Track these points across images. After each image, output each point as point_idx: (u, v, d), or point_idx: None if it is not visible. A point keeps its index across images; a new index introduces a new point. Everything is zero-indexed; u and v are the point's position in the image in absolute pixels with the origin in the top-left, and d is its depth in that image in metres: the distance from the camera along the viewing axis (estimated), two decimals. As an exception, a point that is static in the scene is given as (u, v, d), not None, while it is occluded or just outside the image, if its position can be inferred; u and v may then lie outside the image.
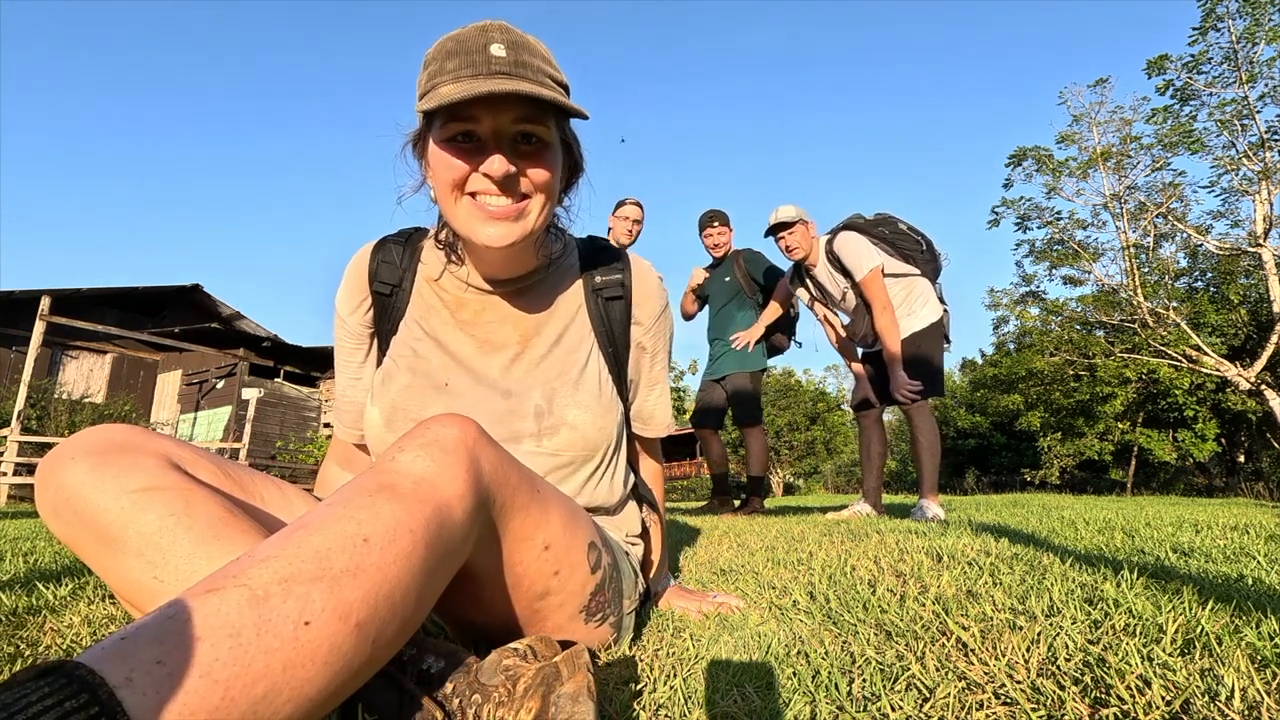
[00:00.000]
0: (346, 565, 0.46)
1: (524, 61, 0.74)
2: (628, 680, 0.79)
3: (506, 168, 0.74)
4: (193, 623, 0.39)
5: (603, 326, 0.94)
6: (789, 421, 25.49)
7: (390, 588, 0.48)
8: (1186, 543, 1.66)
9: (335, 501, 0.51)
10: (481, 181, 0.76)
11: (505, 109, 0.73)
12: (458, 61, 0.73)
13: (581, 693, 0.56)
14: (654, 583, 1.12)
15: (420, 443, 0.58)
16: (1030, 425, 17.92)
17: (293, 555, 0.45)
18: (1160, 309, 12.27)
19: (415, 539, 0.50)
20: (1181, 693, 0.64)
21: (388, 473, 0.54)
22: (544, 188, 0.79)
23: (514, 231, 0.78)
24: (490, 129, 0.75)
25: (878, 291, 2.92)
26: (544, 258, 0.92)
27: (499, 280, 0.91)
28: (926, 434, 2.93)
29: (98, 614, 1.10)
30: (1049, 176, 13.37)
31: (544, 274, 0.93)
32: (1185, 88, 11.53)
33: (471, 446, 0.60)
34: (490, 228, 0.77)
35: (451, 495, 0.55)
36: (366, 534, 0.48)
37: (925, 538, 1.78)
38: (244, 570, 0.44)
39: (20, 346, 11.87)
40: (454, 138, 0.75)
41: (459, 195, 0.77)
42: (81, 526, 0.58)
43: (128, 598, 0.59)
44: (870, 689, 0.72)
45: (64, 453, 0.60)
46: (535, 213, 0.79)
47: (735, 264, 3.83)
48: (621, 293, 0.96)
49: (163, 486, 0.59)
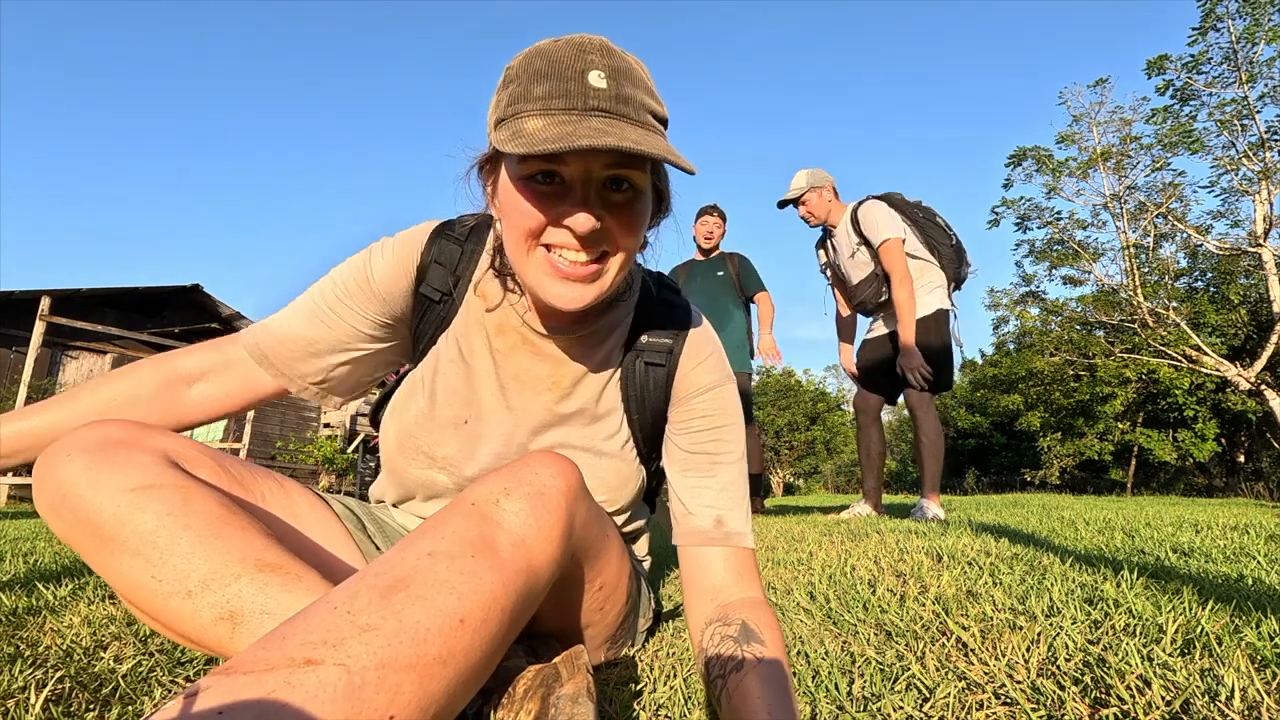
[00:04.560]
0: (439, 652, 0.45)
1: (626, 96, 0.62)
2: (628, 680, 0.79)
3: (593, 224, 0.64)
4: (289, 707, 0.39)
5: (632, 390, 0.83)
6: (789, 421, 25.48)
7: (472, 670, 0.48)
8: (1186, 543, 1.66)
9: (438, 553, 0.50)
10: (561, 235, 0.65)
11: (600, 153, 0.62)
12: (548, 88, 0.61)
13: (581, 694, 0.56)
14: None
15: (526, 492, 0.57)
16: (1030, 425, 17.92)
17: (393, 631, 0.44)
18: (1160, 309, 12.26)
19: (505, 616, 0.51)
20: (1181, 693, 0.64)
21: (490, 523, 0.54)
22: (625, 245, 0.68)
23: (588, 294, 0.68)
24: (579, 174, 0.64)
25: (897, 261, 2.88)
26: (608, 302, 0.80)
27: (553, 322, 0.81)
28: (930, 432, 2.91)
29: (98, 614, 1.10)
30: (1049, 176, 13.36)
31: (602, 320, 0.83)
32: (1185, 88, 11.52)
33: (572, 504, 0.60)
34: (561, 288, 0.67)
35: (545, 561, 0.56)
36: (464, 614, 0.48)
37: (925, 538, 1.78)
38: (343, 639, 0.43)
39: (20, 346, 11.86)
40: (533, 176, 0.64)
41: (533, 244, 0.67)
42: (79, 524, 0.57)
43: (127, 596, 0.58)
44: (870, 689, 0.72)
45: (61, 449, 0.60)
46: (613, 273, 0.69)
47: (730, 262, 3.82)
48: (665, 360, 0.82)
49: (160, 484, 0.58)
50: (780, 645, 0.66)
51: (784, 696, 0.60)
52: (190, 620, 0.55)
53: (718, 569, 0.75)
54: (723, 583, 0.74)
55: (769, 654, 0.64)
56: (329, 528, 0.78)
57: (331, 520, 0.79)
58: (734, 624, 0.68)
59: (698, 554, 0.77)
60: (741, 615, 0.69)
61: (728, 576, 0.75)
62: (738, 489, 0.80)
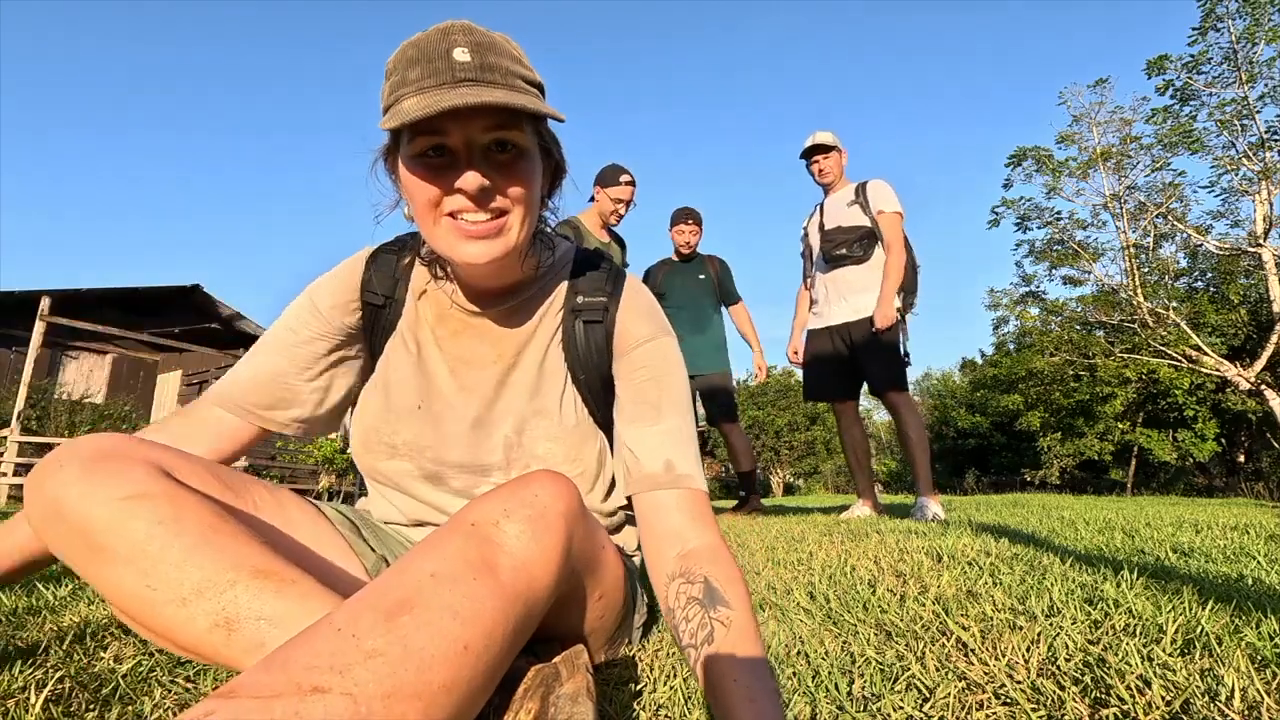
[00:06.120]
0: (445, 681, 0.45)
1: (491, 64, 0.68)
2: (628, 680, 0.79)
3: (480, 182, 0.69)
4: None
5: (575, 351, 0.86)
6: (789, 421, 25.49)
7: (474, 695, 0.48)
8: (1186, 543, 1.66)
9: (441, 574, 0.50)
10: (458, 200, 0.71)
11: (475, 118, 0.68)
12: (419, 70, 0.67)
13: (580, 693, 0.56)
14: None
15: (526, 514, 0.57)
16: (1030, 425, 17.92)
17: (399, 658, 0.44)
18: (1160, 309, 12.25)
19: (507, 639, 0.51)
20: (1181, 693, 0.64)
21: (490, 544, 0.54)
22: (522, 199, 0.74)
23: (495, 248, 0.73)
24: (461, 141, 0.69)
25: (897, 233, 2.99)
26: (531, 270, 0.86)
27: (485, 298, 0.86)
28: (914, 429, 2.93)
29: (98, 614, 1.10)
30: (1049, 177, 13.35)
31: (532, 289, 0.87)
32: (1185, 88, 11.52)
33: (570, 522, 0.60)
34: (471, 246, 0.73)
35: (545, 583, 0.56)
36: (468, 640, 0.48)
37: (925, 538, 1.78)
38: (349, 665, 0.43)
39: (20, 347, 11.86)
40: (424, 153, 0.70)
41: (437, 216, 0.73)
42: (71, 535, 0.57)
43: (121, 605, 0.58)
44: (870, 689, 0.72)
45: (53, 461, 0.60)
46: (516, 227, 0.74)
47: (710, 265, 3.83)
48: (602, 318, 0.86)
49: (151, 494, 0.58)
50: (745, 604, 0.66)
51: (762, 676, 0.60)
52: (185, 628, 0.55)
53: (672, 512, 0.76)
54: (679, 526, 0.75)
55: (737, 619, 0.65)
56: (323, 534, 0.78)
57: (325, 526, 0.79)
58: (697, 581, 0.68)
59: (651, 499, 0.78)
60: (704, 570, 0.69)
61: (683, 519, 0.76)
62: (685, 434, 0.82)
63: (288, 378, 0.86)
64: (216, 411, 0.84)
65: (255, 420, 0.85)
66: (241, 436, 0.85)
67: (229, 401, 0.85)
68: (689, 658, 0.66)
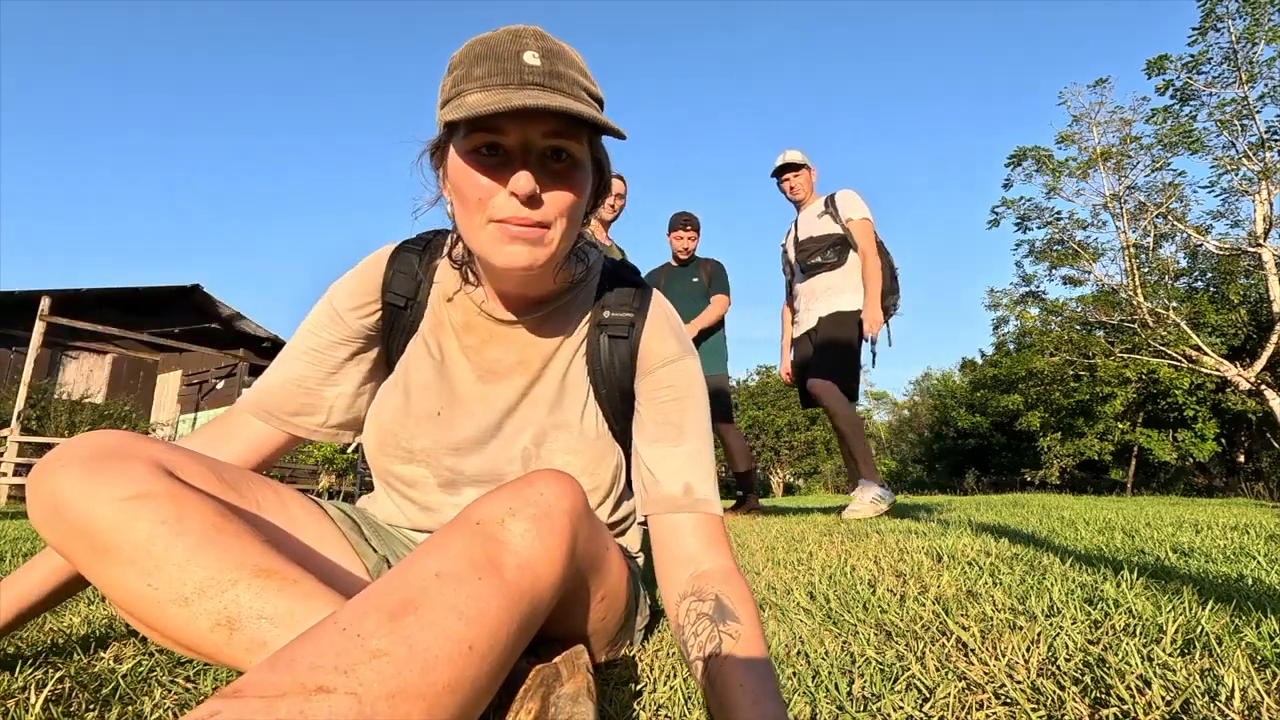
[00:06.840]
0: (449, 681, 0.45)
1: (559, 72, 0.68)
2: (628, 680, 0.79)
3: (532, 185, 0.68)
4: None
5: (598, 365, 0.86)
6: (789, 421, 25.47)
7: (478, 696, 0.48)
8: (1186, 543, 1.67)
9: (445, 574, 0.50)
10: (504, 208, 0.69)
11: (536, 122, 0.68)
12: (487, 68, 0.67)
13: (581, 693, 0.56)
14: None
15: (531, 513, 0.57)
16: (1030, 425, 17.91)
17: (403, 658, 0.44)
18: (1160, 309, 12.25)
19: (511, 639, 0.51)
20: (1181, 693, 0.64)
21: (495, 543, 0.54)
22: (568, 211, 0.72)
23: (536, 254, 0.71)
24: (518, 142, 0.68)
25: (870, 239, 3.08)
26: (564, 282, 0.86)
27: (515, 306, 0.85)
28: (843, 411, 2.96)
29: (98, 614, 1.10)
30: (1049, 177, 13.35)
31: (562, 299, 0.86)
32: (1185, 88, 11.52)
33: (575, 523, 0.60)
34: (511, 247, 0.70)
35: (549, 583, 0.56)
36: (472, 640, 0.48)
37: (925, 538, 1.78)
38: (354, 665, 0.43)
39: (20, 346, 11.86)
40: (478, 149, 0.69)
41: (484, 219, 0.70)
42: (73, 534, 0.57)
43: (123, 605, 0.58)
44: (870, 689, 0.72)
45: (54, 460, 0.60)
46: (557, 238, 0.72)
47: (704, 268, 3.87)
48: (628, 334, 0.85)
49: (154, 493, 0.58)
50: (755, 621, 0.67)
51: (768, 682, 0.61)
52: (187, 627, 0.55)
53: (688, 536, 0.76)
54: (694, 550, 0.76)
55: (746, 633, 0.65)
56: (325, 533, 0.78)
57: (327, 525, 0.79)
58: (708, 599, 0.69)
59: (667, 521, 0.78)
60: (715, 589, 0.70)
61: (699, 543, 0.76)
62: (704, 457, 0.82)
63: (312, 383, 0.86)
64: (247, 419, 0.85)
65: (284, 427, 0.86)
66: (273, 443, 0.86)
67: (258, 409, 0.85)
68: (695, 670, 0.66)
